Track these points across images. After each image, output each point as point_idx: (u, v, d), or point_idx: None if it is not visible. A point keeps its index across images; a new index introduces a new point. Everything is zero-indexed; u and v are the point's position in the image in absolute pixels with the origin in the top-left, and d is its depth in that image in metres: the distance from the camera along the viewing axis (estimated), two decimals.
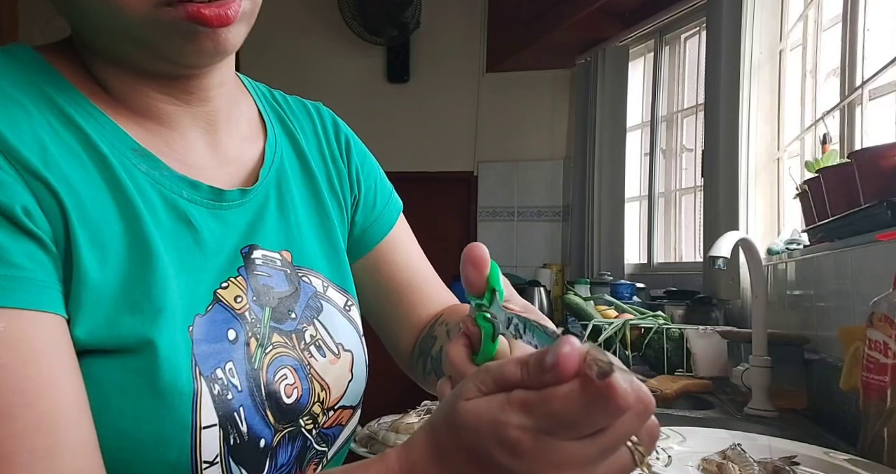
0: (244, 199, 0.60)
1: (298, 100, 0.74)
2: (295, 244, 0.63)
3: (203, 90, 0.58)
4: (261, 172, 0.63)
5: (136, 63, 0.53)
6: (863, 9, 1.47)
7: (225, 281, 0.56)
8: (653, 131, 3.11)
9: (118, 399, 0.47)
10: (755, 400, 1.26)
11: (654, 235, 3.07)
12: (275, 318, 0.58)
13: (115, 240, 0.49)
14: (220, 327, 0.53)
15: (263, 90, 0.72)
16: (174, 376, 0.48)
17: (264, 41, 4.12)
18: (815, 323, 1.36)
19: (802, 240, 1.59)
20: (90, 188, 0.49)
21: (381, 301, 0.75)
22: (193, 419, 0.49)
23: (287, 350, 0.58)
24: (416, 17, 3.76)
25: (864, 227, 1.10)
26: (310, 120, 0.72)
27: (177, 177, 0.55)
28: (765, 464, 0.77)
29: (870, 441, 0.80)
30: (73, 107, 0.52)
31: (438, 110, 3.90)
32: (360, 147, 0.75)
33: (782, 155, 2.04)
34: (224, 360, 0.52)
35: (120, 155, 0.52)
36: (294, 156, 0.68)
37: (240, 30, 0.53)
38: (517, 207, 3.89)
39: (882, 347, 0.78)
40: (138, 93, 0.55)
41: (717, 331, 1.62)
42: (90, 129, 0.51)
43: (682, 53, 3.04)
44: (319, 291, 0.63)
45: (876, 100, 1.43)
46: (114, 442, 0.46)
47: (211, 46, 0.51)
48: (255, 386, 0.54)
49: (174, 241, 0.53)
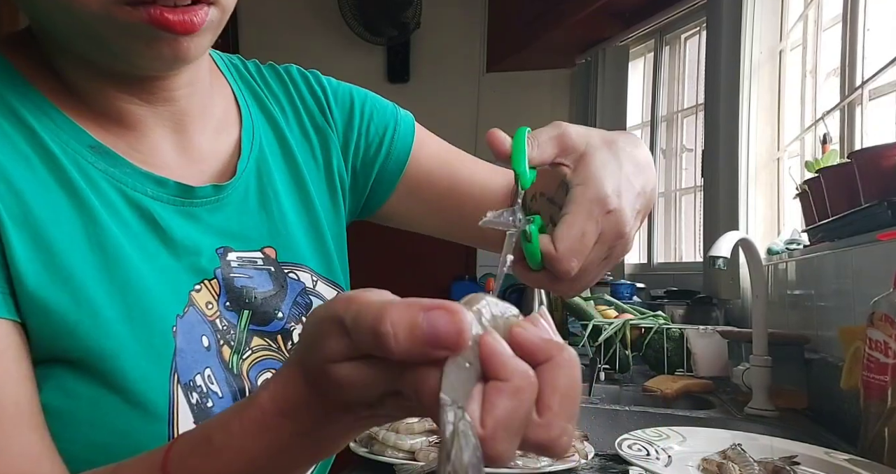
0: (219, 196, 0.56)
1: (271, 66, 0.69)
2: (280, 239, 0.60)
3: (167, 91, 0.54)
4: (238, 164, 0.59)
5: (95, 60, 0.50)
6: (863, 9, 1.47)
7: (198, 283, 0.53)
8: (653, 131, 3.10)
9: (88, 411, 0.45)
10: (755, 400, 1.25)
11: (654, 235, 3.07)
12: (256, 321, 0.56)
13: (69, 243, 0.46)
14: (197, 331, 0.51)
15: (237, 64, 0.67)
16: (146, 387, 0.46)
17: (264, 41, 4.12)
18: (815, 322, 1.36)
19: (802, 240, 1.59)
20: (38, 189, 0.46)
21: (438, 215, 0.71)
22: (170, 431, 0.47)
23: (270, 352, 0.55)
24: (417, 17, 3.76)
25: (864, 227, 1.10)
26: (283, 87, 0.67)
27: (139, 174, 0.52)
28: (765, 464, 0.77)
29: (870, 441, 0.80)
30: (25, 105, 0.49)
31: (439, 110, 3.89)
32: (340, 92, 0.70)
33: (782, 155, 2.04)
34: (203, 365, 0.50)
35: (74, 154, 0.49)
36: (274, 138, 0.63)
37: (204, 39, 0.49)
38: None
39: (882, 347, 0.78)
40: (98, 91, 0.52)
41: (717, 330, 1.62)
42: (42, 129, 0.48)
43: (682, 53, 3.04)
44: (308, 287, 0.60)
45: (876, 100, 1.43)
46: (86, 456, 0.44)
47: (170, 54, 0.47)
48: (239, 391, 0.52)
49: (141, 241, 0.50)
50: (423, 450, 0.80)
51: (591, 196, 0.45)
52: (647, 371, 1.70)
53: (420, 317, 0.27)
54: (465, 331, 0.27)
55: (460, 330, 0.27)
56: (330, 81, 0.70)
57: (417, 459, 0.80)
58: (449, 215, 0.71)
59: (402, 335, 0.27)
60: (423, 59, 3.92)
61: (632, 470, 0.79)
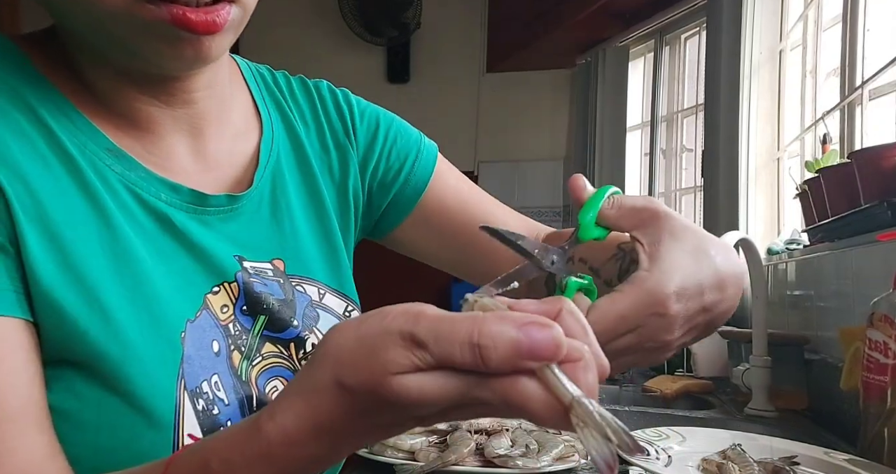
0: (233, 206, 0.56)
1: (301, 79, 0.69)
2: (289, 251, 0.59)
3: (186, 92, 0.54)
4: (255, 175, 0.58)
5: (114, 60, 0.50)
6: (863, 9, 1.47)
7: (217, 285, 0.53)
8: (653, 131, 3.10)
9: (94, 414, 0.44)
10: (755, 401, 1.25)
11: None
12: (271, 327, 0.55)
13: (83, 244, 0.46)
14: (208, 336, 0.50)
15: (264, 73, 0.67)
16: (153, 392, 0.46)
17: (264, 41, 4.12)
18: (815, 323, 1.36)
19: (802, 240, 1.59)
20: (54, 190, 0.46)
21: (449, 249, 0.71)
22: (175, 437, 0.46)
23: (280, 360, 0.55)
24: (417, 17, 3.76)
25: (864, 227, 1.09)
26: (310, 102, 0.67)
27: (155, 179, 0.52)
28: (765, 464, 0.77)
29: (870, 441, 0.80)
30: (45, 105, 0.48)
31: (439, 110, 3.90)
32: (368, 113, 0.69)
33: (782, 155, 2.04)
34: (210, 372, 0.49)
35: (91, 156, 0.49)
36: (291, 150, 0.63)
37: (225, 39, 0.48)
38: (518, 207, 3.81)
39: (882, 347, 0.78)
40: (118, 92, 0.51)
41: (717, 330, 1.62)
42: (60, 130, 0.48)
43: (682, 53, 3.04)
44: (315, 300, 0.60)
45: (876, 100, 1.43)
46: (90, 461, 0.44)
47: (192, 54, 0.47)
48: (246, 398, 0.51)
49: (156, 244, 0.50)
50: (423, 450, 0.80)
51: (650, 287, 0.42)
52: (647, 371, 1.70)
53: (518, 332, 0.30)
54: (563, 345, 0.30)
55: (559, 344, 0.30)
56: (359, 102, 0.70)
57: (417, 459, 0.80)
58: (458, 251, 0.71)
59: (502, 348, 0.29)
60: (423, 60, 3.92)
61: (632, 469, 0.79)
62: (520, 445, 0.81)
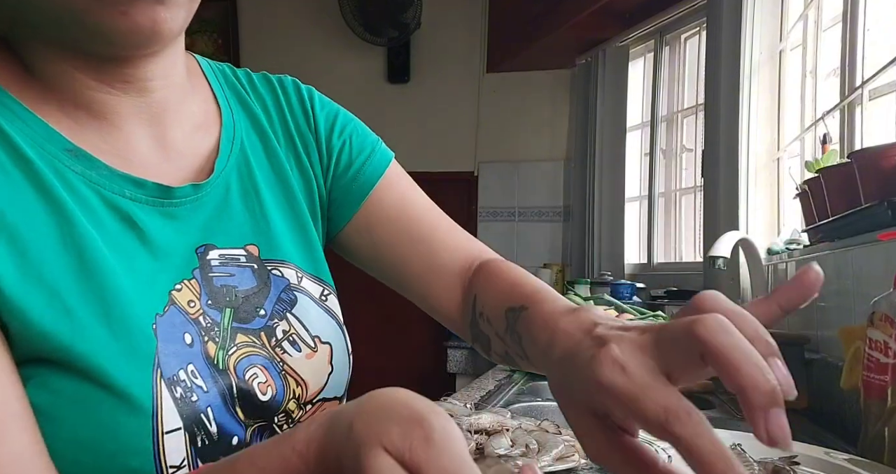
0: (198, 194, 0.56)
1: (264, 75, 0.69)
2: (262, 236, 0.60)
3: (142, 80, 0.53)
4: (216, 163, 0.59)
5: (66, 41, 0.49)
6: (863, 9, 1.47)
7: (179, 282, 0.53)
8: (653, 131, 3.11)
9: (73, 407, 0.44)
10: None
11: (654, 235, 3.07)
12: (238, 318, 0.56)
13: (43, 246, 0.46)
14: (178, 329, 0.51)
15: (225, 69, 0.67)
16: (129, 382, 0.46)
17: (265, 41, 4.13)
18: (815, 322, 1.36)
19: (802, 240, 1.59)
20: (10, 192, 0.46)
21: (388, 260, 0.69)
22: (154, 425, 0.47)
23: (255, 349, 0.56)
24: (417, 17, 3.76)
25: (864, 227, 1.10)
26: (272, 94, 0.67)
27: (117, 176, 0.51)
28: (765, 464, 0.77)
29: (870, 441, 0.80)
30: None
31: (439, 111, 3.90)
32: (328, 108, 0.70)
33: (782, 155, 2.04)
34: (185, 361, 0.50)
35: (50, 158, 0.49)
36: (256, 138, 0.64)
37: (179, 14, 0.48)
38: (518, 208, 3.89)
39: (882, 347, 0.78)
40: (70, 78, 0.51)
41: None
42: (15, 132, 0.48)
43: (682, 53, 3.04)
44: (293, 283, 0.60)
45: (876, 100, 1.43)
46: (72, 455, 0.44)
47: (148, 24, 0.46)
48: (226, 386, 0.52)
49: (118, 243, 0.50)
50: None
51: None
52: None
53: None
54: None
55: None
56: (322, 97, 0.70)
57: None
58: (393, 267, 0.69)
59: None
60: (423, 60, 3.93)
61: None
62: (520, 445, 0.81)
